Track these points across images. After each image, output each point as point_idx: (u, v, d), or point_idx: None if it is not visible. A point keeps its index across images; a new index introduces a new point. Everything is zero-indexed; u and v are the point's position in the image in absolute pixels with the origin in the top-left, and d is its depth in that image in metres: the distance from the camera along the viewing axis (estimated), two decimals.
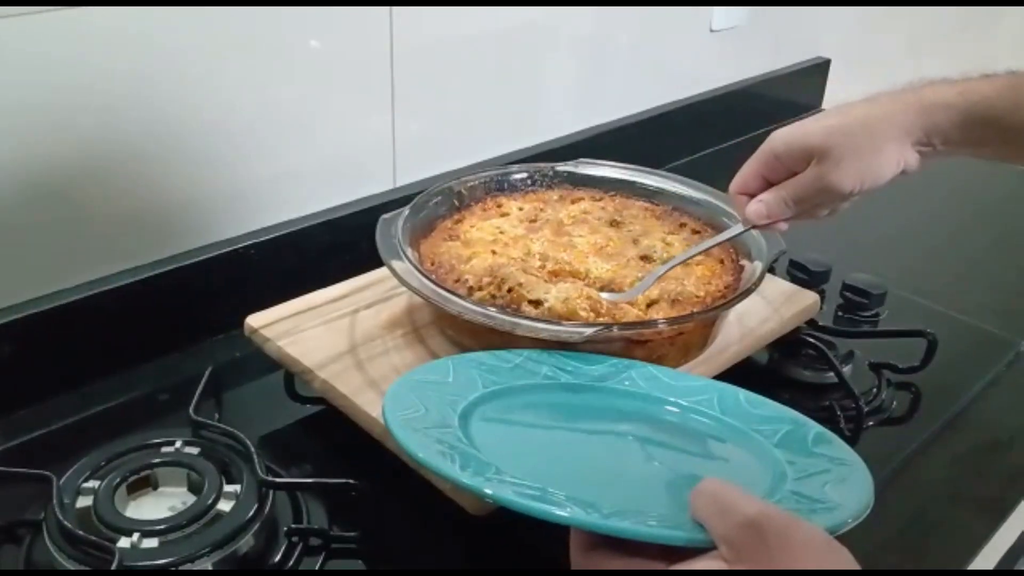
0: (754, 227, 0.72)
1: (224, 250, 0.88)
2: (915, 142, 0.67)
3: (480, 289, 0.74)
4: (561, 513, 0.46)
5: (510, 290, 0.72)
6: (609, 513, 0.46)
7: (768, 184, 0.70)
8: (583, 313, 0.70)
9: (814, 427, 0.63)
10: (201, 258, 0.86)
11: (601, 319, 0.71)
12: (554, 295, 0.72)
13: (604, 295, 0.73)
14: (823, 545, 0.41)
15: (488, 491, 0.48)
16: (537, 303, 0.71)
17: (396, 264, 0.73)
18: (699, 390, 0.67)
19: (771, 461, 0.59)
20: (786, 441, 0.61)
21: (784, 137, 0.69)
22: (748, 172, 0.71)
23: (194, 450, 0.67)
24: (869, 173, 0.66)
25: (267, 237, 0.90)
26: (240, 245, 0.88)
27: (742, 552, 0.40)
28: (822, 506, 0.51)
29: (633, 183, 0.91)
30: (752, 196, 0.71)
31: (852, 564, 0.41)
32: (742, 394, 0.67)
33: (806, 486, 0.54)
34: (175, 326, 0.86)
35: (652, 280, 0.74)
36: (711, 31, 1.31)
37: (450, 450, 0.53)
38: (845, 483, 0.54)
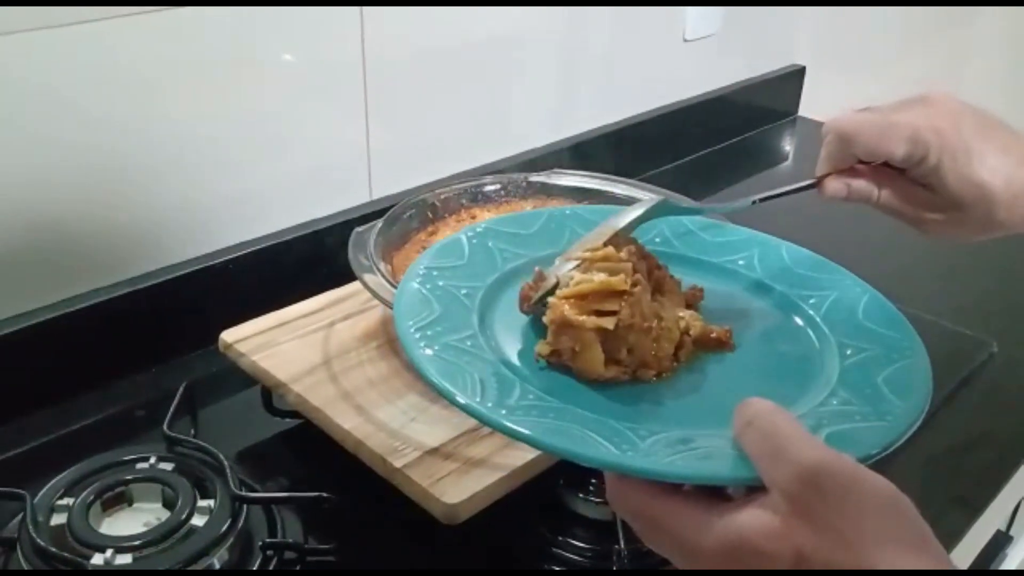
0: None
1: (201, 265, 0.88)
2: None
3: None
4: (582, 451, 0.41)
5: None
6: (644, 447, 0.42)
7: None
8: None
9: (865, 292, 0.56)
10: (178, 274, 0.86)
11: None
12: None
13: None
14: (888, 505, 0.37)
15: (509, 425, 0.43)
16: None
17: (369, 278, 0.73)
18: (738, 246, 0.61)
19: (819, 344, 0.53)
20: (834, 311, 0.55)
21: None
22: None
23: (168, 466, 0.67)
24: None
25: (244, 252, 0.90)
26: (217, 260, 0.89)
27: (797, 506, 0.37)
28: (873, 412, 0.46)
29: (605, 192, 0.91)
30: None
31: (918, 522, 0.38)
32: (785, 248, 0.61)
33: (856, 379, 0.49)
34: (152, 342, 0.86)
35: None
36: (685, 40, 1.32)
37: (469, 366, 0.47)
38: (899, 374, 0.48)
